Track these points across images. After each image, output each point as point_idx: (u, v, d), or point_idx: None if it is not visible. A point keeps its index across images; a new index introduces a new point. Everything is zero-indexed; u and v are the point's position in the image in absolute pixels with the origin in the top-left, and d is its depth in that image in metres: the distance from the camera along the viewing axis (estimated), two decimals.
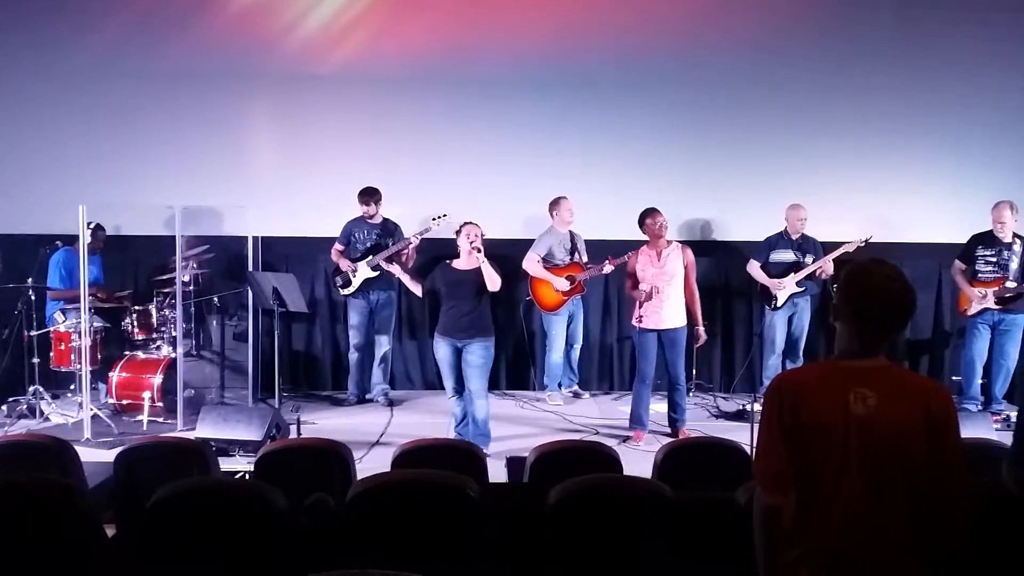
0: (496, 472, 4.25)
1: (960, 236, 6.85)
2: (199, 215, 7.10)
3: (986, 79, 7.33)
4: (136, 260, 7.52)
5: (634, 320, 5.97)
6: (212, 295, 7.17)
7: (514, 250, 7.10)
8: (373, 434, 6.15)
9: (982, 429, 5.16)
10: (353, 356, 7.20)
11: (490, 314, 5.84)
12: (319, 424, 6.42)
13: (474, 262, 5.66)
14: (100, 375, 6.52)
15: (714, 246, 7.53)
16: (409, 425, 6.39)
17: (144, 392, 6.28)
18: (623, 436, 6.10)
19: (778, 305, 6.96)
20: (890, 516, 2.11)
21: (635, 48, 7.39)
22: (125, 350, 6.68)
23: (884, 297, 2.16)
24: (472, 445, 4.27)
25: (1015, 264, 6.55)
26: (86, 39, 7.37)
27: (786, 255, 6.96)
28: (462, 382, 5.79)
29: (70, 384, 6.66)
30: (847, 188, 7.37)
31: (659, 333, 5.94)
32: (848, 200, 7.35)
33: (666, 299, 5.89)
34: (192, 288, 6.89)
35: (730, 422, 6.63)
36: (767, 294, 7.02)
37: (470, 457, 3.89)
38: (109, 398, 6.44)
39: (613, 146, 7.51)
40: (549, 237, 7.14)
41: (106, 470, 4.06)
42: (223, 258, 7.25)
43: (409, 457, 3.81)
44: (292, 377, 7.53)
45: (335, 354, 7.75)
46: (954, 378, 6.97)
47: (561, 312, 7.17)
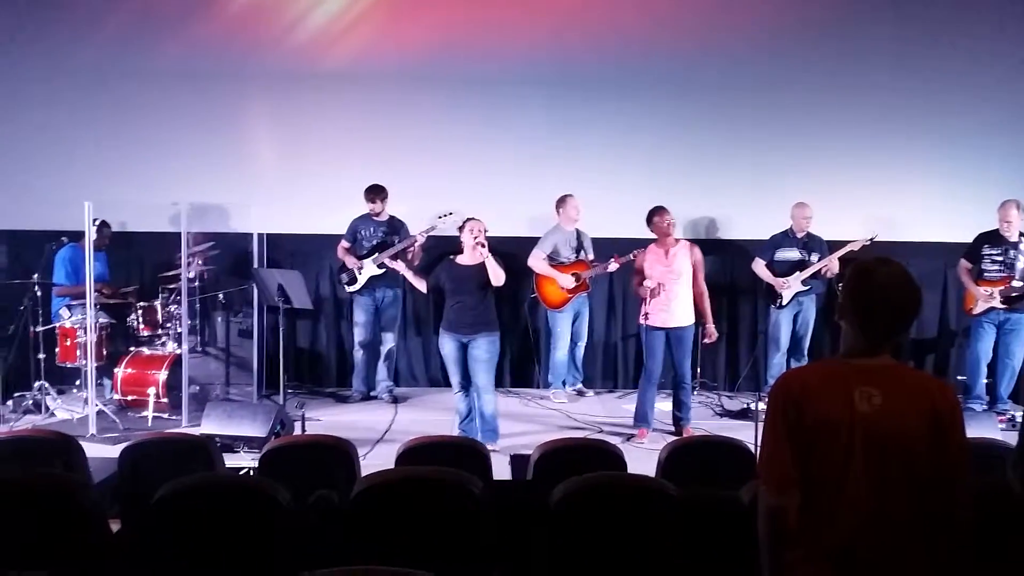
0: (500, 469, 4.24)
1: (966, 235, 6.83)
2: (205, 212, 7.10)
3: (993, 76, 7.30)
4: (141, 257, 7.54)
5: (642, 318, 5.96)
6: (217, 292, 7.19)
7: (519, 248, 7.10)
8: (377, 431, 6.15)
9: (987, 429, 5.13)
10: (358, 353, 7.21)
11: (495, 309, 5.84)
12: (324, 420, 6.43)
13: (478, 257, 5.66)
14: (105, 371, 6.54)
15: (719, 244, 7.51)
16: (413, 422, 6.40)
17: (149, 388, 6.29)
18: (627, 434, 6.10)
19: (783, 304, 6.95)
20: (895, 515, 2.11)
21: (639, 46, 7.37)
22: (130, 346, 6.71)
23: (889, 296, 2.15)
24: (476, 442, 4.27)
25: (1021, 263, 6.52)
26: (91, 37, 7.38)
27: (792, 254, 6.95)
28: (468, 378, 5.80)
29: (75, 380, 6.68)
30: (853, 186, 7.35)
31: (667, 331, 5.93)
32: (854, 198, 7.33)
33: (674, 297, 5.88)
34: (197, 284, 6.90)
35: (734, 421, 6.62)
36: (772, 293, 7.01)
37: (474, 454, 3.89)
38: (114, 394, 6.46)
39: (618, 144, 7.50)
40: (555, 235, 7.14)
41: (111, 466, 4.06)
42: (228, 255, 7.26)
43: (413, 454, 3.82)
44: (297, 374, 7.55)
45: (340, 351, 7.77)
46: (959, 377, 6.95)
47: (566, 309, 7.17)
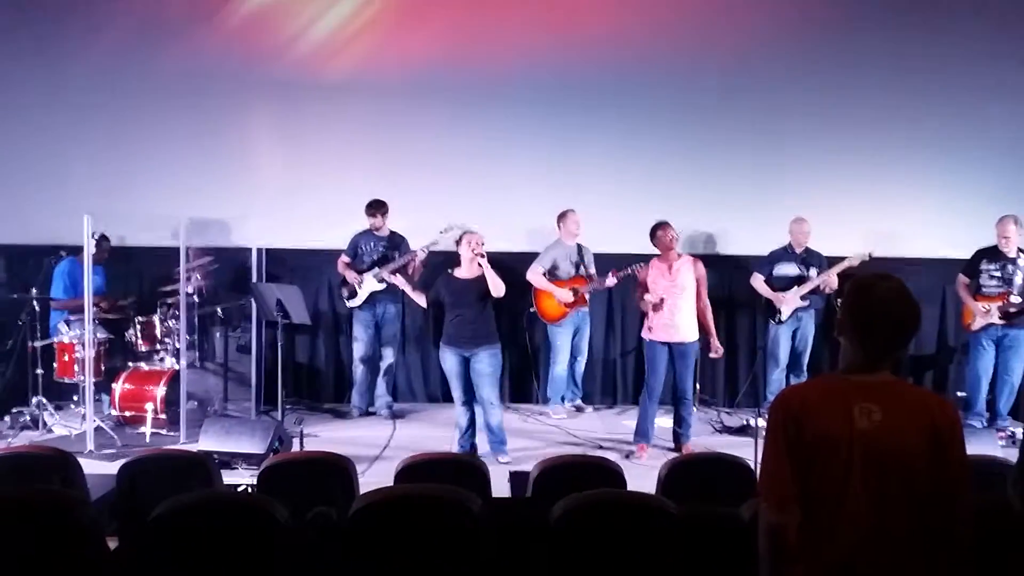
0: (499, 486, 4.23)
1: (965, 251, 6.84)
2: (204, 226, 7.11)
3: (991, 93, 7.33)
4: (140, 271, 7.52)
5: (645, 332, 5.95)
6: (216, 306, 7.18)
7: (519, 263, 7.10)
8: (376, 447, 6.14)
9: (987, 445, 5.12)
10: (358, 369, 7.18)
11: (495, 321, 5.85)
12: (322, 437, 6.40)
13: (476, 270, 5.68)
14: (103, 386, 6.52)
15: (718, 259, 7.52)
16: (412, 438, 6.38)
17: (147, 404, 6.27)
18: (626, 451, 6.08)
19: (782, 319, 6.94)
20: (895, 531, 2.10)
21: (639, 61, 7.41)
22: (129, 361, 6.69)
23: (889, 311, 2.16)
24: (475, 459, 4.26)
25: (1020, 279, 6.53)
26: (91, 50, 7.41)
27: (790, 269, 6.96)
28: (469, 392, 5.80)
29: (73, 395, 6.65)
30: (852, 202, 7.37)
31: (670, 346, 5.93)
32: (853, 214, 7.34)
33: (677, 311, 5.87)
34: (196, 299, 6.89)
35: (734, 437, 6.60)
36: (771, 308, 7.01)
37: (473, 471, 3.88)
38: (112, 410, 6.43)
39: (618, 159, 7.52)
40: (555, 249, 7.15)
41: (109, 482, 4.04)
42: (227, 269, 7.25)
43: (412, 471, 3.80)
44: (295, 389, 7.53)
45: (338, 366, 7.75)
46: (959, 394, 6.94)
47: (565, 324, 7.17)
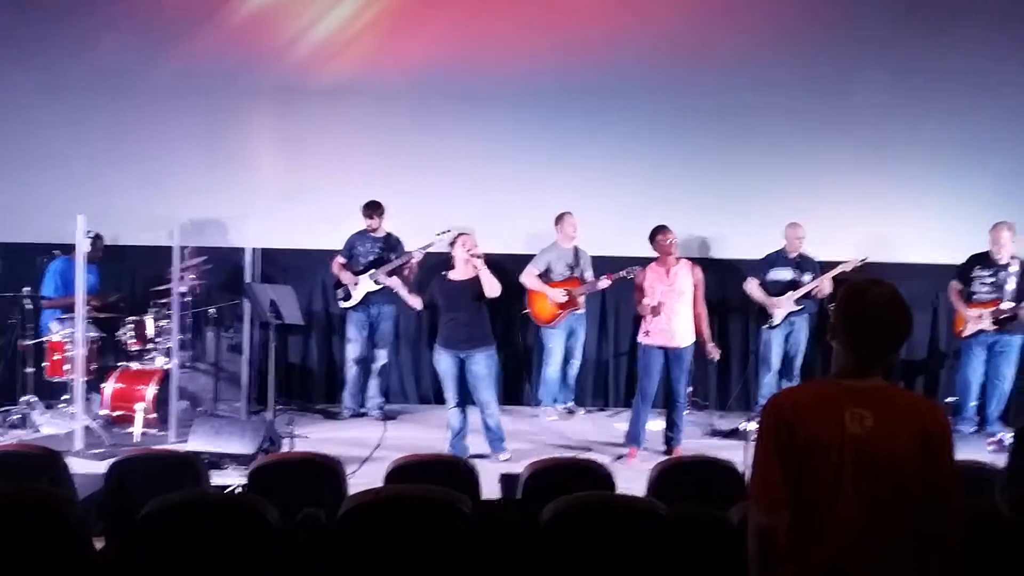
0: (489, 488, 4.22)
1: (958, 257, 6.86)
2: (198, 226, 7.09)
3: (985, 100, 7.35)
4: (133, 270, 7.50)
5: (641, 336, 5.96)
6: (209, 306, 7.15)
7: (516, 265, 7.10)
8: (366, 448, 6.11)
9: (976, 451, 5.15)
10: (351, 370, 7.16)
11: (489, 322, 5.86)
12: (312, 437, 6.38)
13: (470, 271, 5.69)
14: (94, 385, 6.48)
15: (711, 263, 7.50)
16: (403, 439, 6.36)
17: (137, 403, 6.24)
18: (617, 454, 6.08)
19: (775, 324, 6.95)
20: (885, 535, 2.11)
21: (637, 65, 7.42)
22: (120, 360, 6.66)
23: (881, 317, 2.16)
24: (466, 461, 4.26)
25: (1012, 285, 6.55)
26: (88, 50, 7.40)
27: (784, 273, 6.97)
28: (462, 394, 5.80)
29: (63, 394, 6.62)
30: (845, 207, 7.38)
31: (666, 350, 5.94)
32: (846, 219, 7.36)
33: (674, 316, 5.88)
34: (189, 299, 6.87)
35: (725, 440, 6.60)
36: (764, 312, 7.02)
37: (463, 473, 3.87)
38: (102, 409, 6.39)
39: (613, 163, 7.53)
40: (550, 252, 7.15)
41: (97, 482, 4.02)
42: (221, 269, 7.24)
43: (402, 472, 3.79)
44: (286, 390, 7.49)
45: (329, 367, 7.73)
46: (949, 399, 6.95)
47: (559, 326, 7.16)
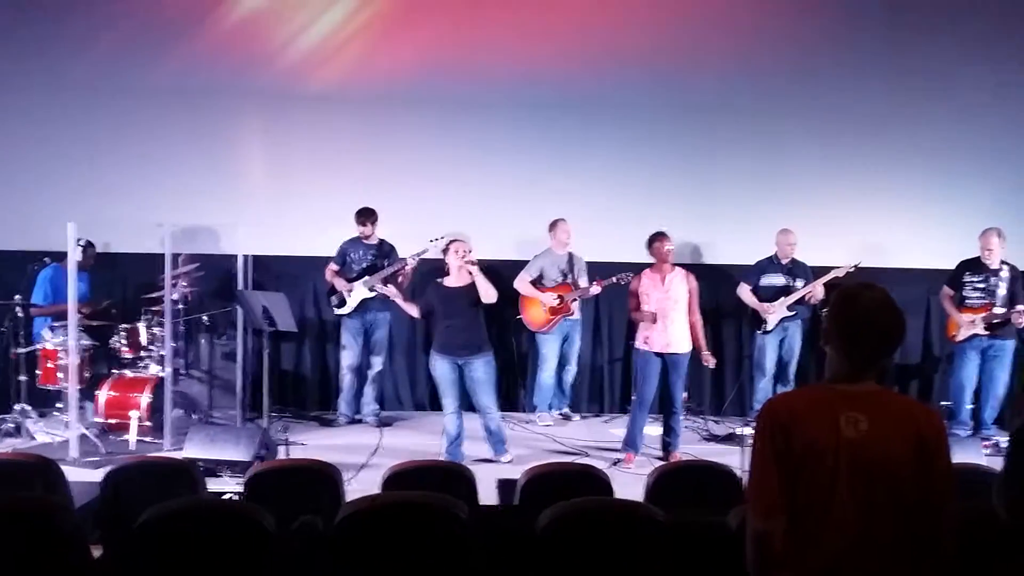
0: (487, 494, 4.22)
1: (949, 262, 6.90)
2: (190, 233, 7.08)
3: (977, 107, 7.40)
4: (125, 278, 7.46)
5: (639, 342, 5.97)
6: (201, 314, 7.14)
7: (508, 271, 7.11)
8: (363, 455, 6.11)
9: (972, 454, 5.16)
10: (346, 377, 7.14)
11: (486, 328, 5.88)
12: (308, 445, 6.37)
13: (465, 278, 5.71)
14: (88, 393, 6.46)
15: (705, 269, 7.52)
16: (399, 446, 6.36)
17: (132, 411, 6.22)
18: (614, 459, 6.08)
19: (768, 329, 6.98)
20: (881, 539, 2.11)
21: (629, 72, 7.43)
22: (113, 368, 6.64)
23: (873, 322, 2.17)
24: (462, 467, 4.26)
25: (1002, 291, 6.59)
26: (78, 56, 7.37)
27: (776, 279, 7.00)
28: (460, 400, 5.81)
29: (57, 402, 6.58)
30: (837, 213, 7.41)
31: (664, 357, 5.96)
32: (838, 225, 7.39)
33: (671, 323, 5.92)
34: (181, 307, 6.85)
35: (721, 445, 6.62)
36: (757, 318, 7.04)
37: (460, 479, 3.87)
38: (97, 417, 6.37)
39: (605, 169, 7.54)
40: (543, 258, 7.17)
41: (93, 490, 4.02)
42: (213, 276, 7.22)
43: (399, 479, 3.79)
44: (281, 397, 7.47)
45: (324, 374, 7.72)
46: (943, 403, 6.98)
47: (553, 332, 7.17)
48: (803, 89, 7.48)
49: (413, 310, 6.00)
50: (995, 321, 6.56)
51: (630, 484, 4.47)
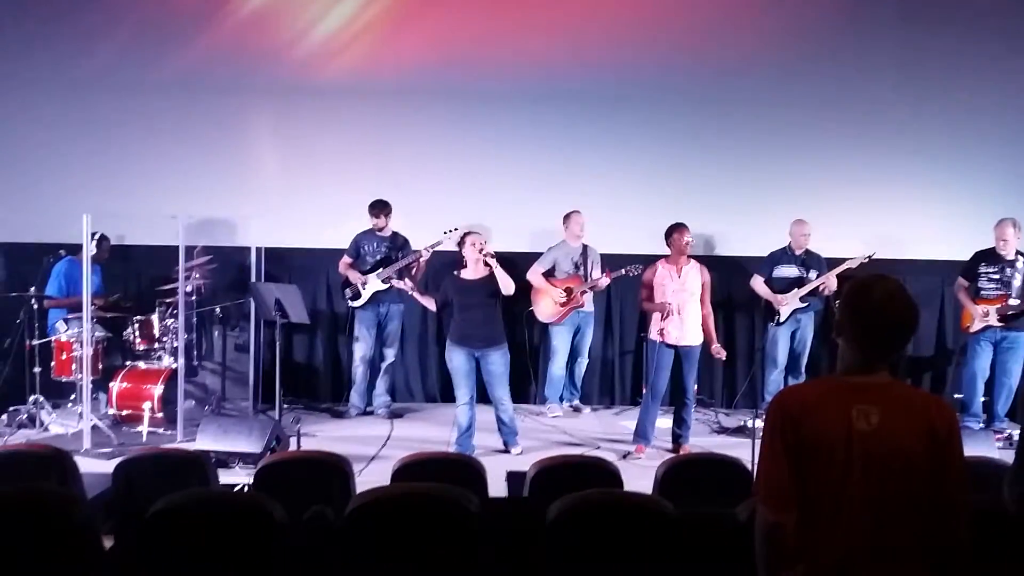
0: (496, 486, 4.23)
1: (963, 253, 6.85)
2: (203, 225, 7.11)
3: (990, 97, 7.35)
4: (138, 270, 7.50)
5: (654, 334, 5.97)
6: (214, 306, 7.17)
7: (520, 263, 7.10)
8: (373, 446, 6.13)
9: (984, 447, 5.13)
10: (358, 369, 7.16)
11: (502, 321, 5.90)
12: (319, 436, 6.40)
13: (483, 270, 5.73)
14: (101, 385, 6.51)
15: (717, 261, 7.50)
16: (409, 438, 6.37)
17: (145, 402, 6.26)
18: (624, 451, 6.08)
19: (781, 321, 6.95)
20: (894, 532, 2.10)
21: (641, 63, 7.41)
22: (126, 360, 6.68)
23: (887, 314, 2.15)
24: (472, 459, 4.27)
25: (1018, 281, 6.54)
26: (92, 49, 7.41)
27: (790, 271, 6.96)
28: (474, 391, 5.81)
29: (71, 394, 6.63)
30: (851, 204, 7.38)
31: (677, 348, 5.96)
32: (852, 216, 7.36)
33: (687, 315, 5.92)
34: (194, 298, 6.89)
35: (731, 438, 6.61)
36: (770, 310, 7.01)
37: (470, 471, 3.88)
38: (109, 408, 6.42)
39: (618, 161, 7.53)
40: (557, 250, 7.17)
41: (105, 481, 4.04)
42: (226, 269, 7.25)
43: (409, 470, 3.80)
44: (293, 389, 7.49)
45: (335, 366, 7.74)
46: (956, 396, 6.94)
47: (565, 324, 7.17)
48: (816, 80, 7.43)
49: (430, 303, 6.00)
50: (1009, 312, 6.51)
51: (639, 477, 4.46)
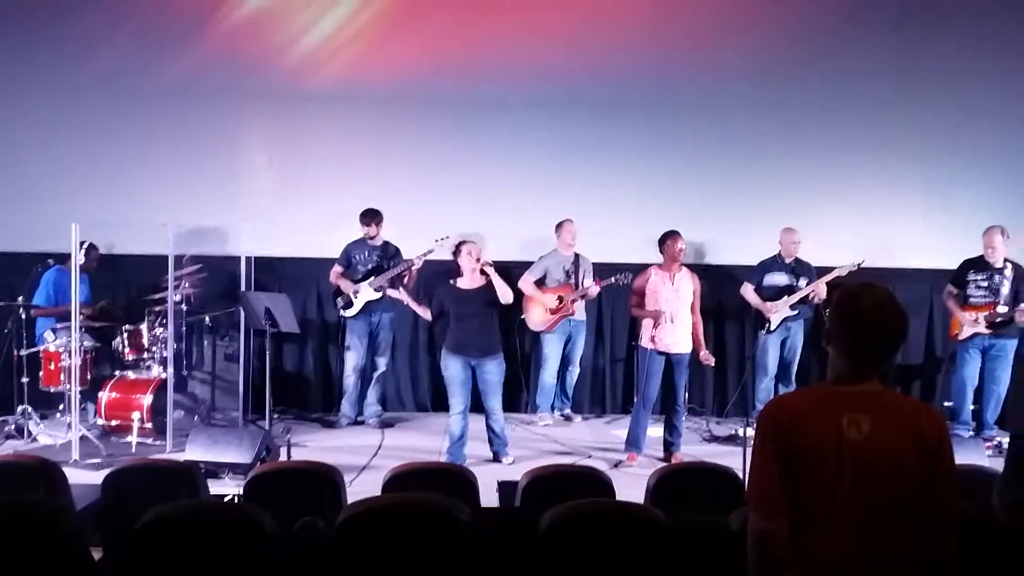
0: (487, 496, 4.22)
1: (952, 261, 6.89)
2: (192, 234, 7.08)
3: (981, 105, 7.40)
4: (127, 279, 7.47)
5: (646, 342, 5.97)
6: (204, 315, 7.14)
7: (511, 272, 7.08)
8: (364, 456, 6.10)
9: (974, 455, 5.13)
10: (350, 378, 7.12)
11: (499, 329, 5.89)
12: (310, 446, 6.36)
13: (479, 279, 5.73)
14: (90, 395, 6.47)
15: (708, 269, 7.53)
16: (400, 447, 6.35)
17: (134, 413, 6.22)
18: (616, 460, 6.07)
19: (771, 329, 6.97)
20: (885, 540, 2.10)
21: (632, 71, 7.44)
22: (115, 370, 6.64)
23: (876, 322, 2.16)
24: (464, 468, 4.26)
25: (1006, 289, 6.58)
26: (83, 57, 7.39)
27: (780, 279, 6.99)
28: (468, 400, 5.80)
29: (59, 404, 6.59)
30: (841, 212, 7.41)
31: (669, 356, 5.97)
32: (841, 224, 7.39)
33: (679, 323, 5.94)
34: (184, 308, 6.85)
35: (722, 446, 6.60)
36: (761, 318, 7.03)
37: (462, 481, 3.87)
38: (98, 419, 6.38)
39: (608, 169, 7.54)
40: (548, 259, 7.18)
41: (94, 492, 4.01)
42: (216, 278, 7.21)
43: (400, 480, 3.79)
44: (283, 398, 7.45)
45: (326, 375, 7.71)
46: (945, 403, 6.97)
47: (556, 332, 7.17)
48: (806, 88, 7.47)
49: (425, 312, 5.99)
50: (998, 320, 6.55)
51: (631, 486, 4.46)
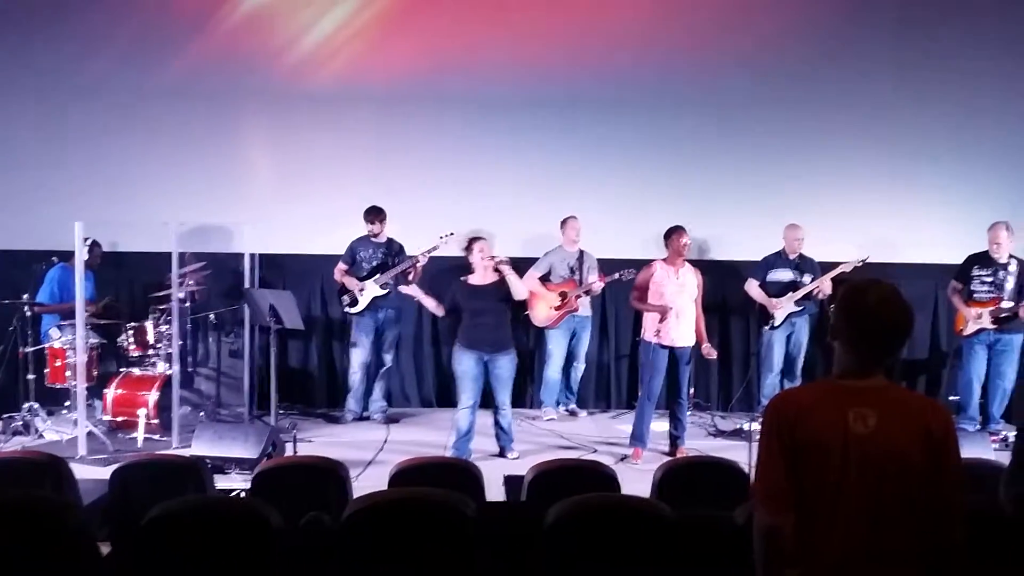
0: (493, 490, 4.23)
1: (957, 256, 6.87)
2: (197, 232, 7.09)
3: (985, 101, 7.37)
4: (131, 277, 7.48)
5: (650, 336, 5.98)
6: (208, 312, 7.16)
7: (516, 268, 7.08)
8: (370, 451, 6.12)
9: (980, 449, 5.15)
10: (356, 374, 7.13)
11: (511, 325, 5.94)
12: (316, 441, 6.38)
13: (491, 276, 5.75)
14: (96, 392, 6.49)
15: (712, 265, 7.50)
16: (406, 442, 6.36)
17: (139, 409, 6.25)
18: (621, 455, 6.08)
19: (776, 324, 6.96)
20: (890, 535, 2.10)
21: (635, 69, 7.42)
22: (121, 367, 6.66)
23: (881, 317, 2.16)
24: (469, 463, 4.27)
25: (1011, 284, 6.57)
26: (85, 58, 7.38)
27: (784, 275, 6.98)
28: (479, 396, 5.82)
29: (65, 401, 6.61)
30: (845, 208, 7.39)
31: (672, 350, 5.98)
32: (846, 220, 7.37)
33: (684, 317, 5.95)
34: (189, 305, 6.87)
35: (728, 441, 6.62)
36: (765, 313, 7.02)
37: (467, 475, 3.87)
38: (104, 415, 6.40)
39: (612, 166, 7.53)
40: (553, 255, 7.19)
41: (101, 487, 4.03)
42: (220, 275, 7.23)
43: (406, 475, 3.80)
44: (288, 394, 7.46)
45: (330, 371, 7.72)
46: (951, 398, 6.96)
47: (561, 328, 7.18)
48: (809, 84, 7.45)
49: (439, 309, 6.00)
50: (1002, 315, 6.54)
51: (637, 480, 4.47)
